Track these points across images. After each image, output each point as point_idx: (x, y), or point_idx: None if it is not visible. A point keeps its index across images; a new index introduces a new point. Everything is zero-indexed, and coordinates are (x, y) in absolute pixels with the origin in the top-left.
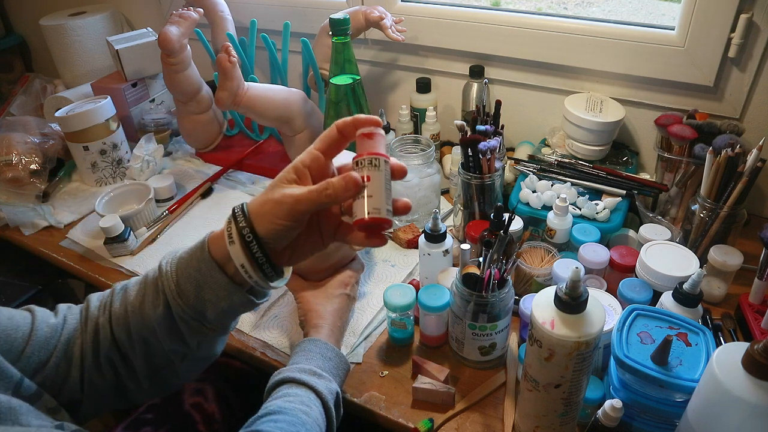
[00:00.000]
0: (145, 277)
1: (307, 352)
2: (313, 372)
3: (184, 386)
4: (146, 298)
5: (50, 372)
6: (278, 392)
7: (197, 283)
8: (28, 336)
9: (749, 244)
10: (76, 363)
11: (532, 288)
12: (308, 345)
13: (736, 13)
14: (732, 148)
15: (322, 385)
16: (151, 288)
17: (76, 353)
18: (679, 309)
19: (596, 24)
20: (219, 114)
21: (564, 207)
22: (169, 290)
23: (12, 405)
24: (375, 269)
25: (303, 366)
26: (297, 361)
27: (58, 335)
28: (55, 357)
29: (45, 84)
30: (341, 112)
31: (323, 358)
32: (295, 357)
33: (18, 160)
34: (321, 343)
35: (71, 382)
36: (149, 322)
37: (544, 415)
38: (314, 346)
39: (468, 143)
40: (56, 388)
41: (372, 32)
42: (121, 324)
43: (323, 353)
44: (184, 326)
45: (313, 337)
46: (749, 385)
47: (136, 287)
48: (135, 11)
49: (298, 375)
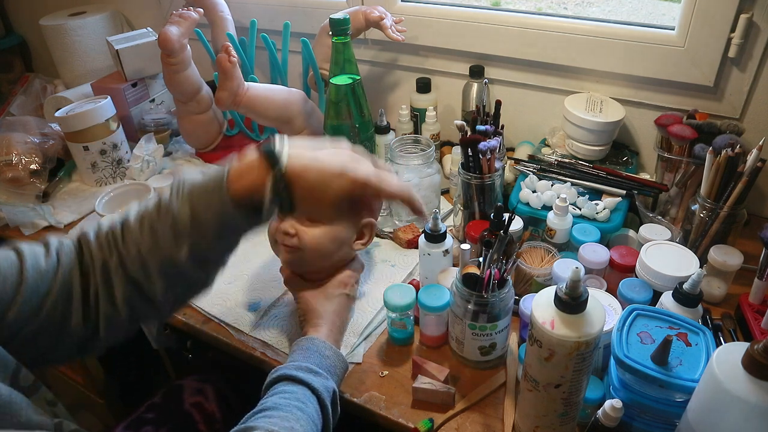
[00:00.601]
0: (145, 210)
1: (305, 350)
2: (310, 369)
3: (185, 386)
4: (161, 238)
5: (45, 318)
6: (274, 389)
7: (219, 228)
8: (18, 285)
9: (749, 244)
10: (77, 305)
11: (532, 288)
12: (306, 343)
13: (736, 13)
14: (732, 148)
15: (319, 383)
16: (165, 228)
17: (76, 295)
18: (679, 309)
19: (596, 24)
20: (219, 114)
21: (564, 207)
22: (188, 234)
23: (12, 399)
24: (375, 269)
25: (300, 363)
26: (294, 359)
27: (51, 278)
28: (50, 302)
29: (45, 84)
30: (341, 112)
31: (321, 356)
32: (293, 355)
33: (18, 160)
34: (319, 342)
35: (73, 323)
36: (173, 261)
37: (544, 415)
38: (312, 344)
39: (468, 143)
40: (54, 333)
41: (372, 32)
42: (137, 265)
43: (321, 351)
44: (211, 261)
45: (311, 335)
46: (749, 385)
47: (138, 224)
48: (135, 11)
49: (295, 372)
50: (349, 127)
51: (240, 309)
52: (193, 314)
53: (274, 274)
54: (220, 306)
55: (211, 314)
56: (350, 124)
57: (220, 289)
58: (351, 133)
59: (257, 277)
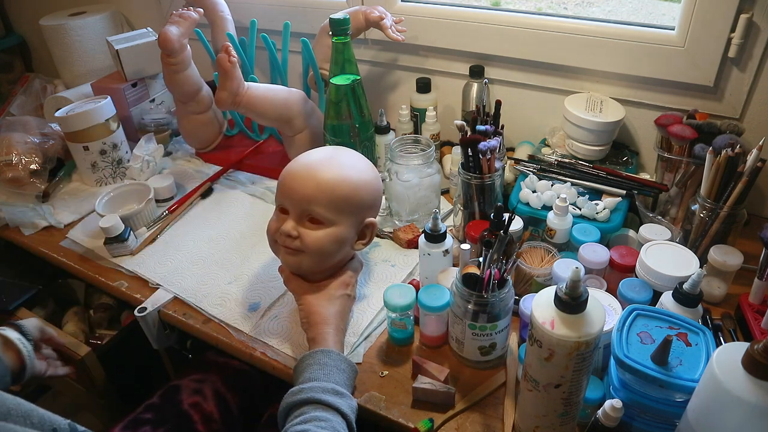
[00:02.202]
0: None
1: (323, 366)
2: (336, 392)
3: (182, 386)
4: None
5: None
6: (306, 414)
7: None
8: None
9: (749, 244)
10: None
11: (532, 288)
12: (322, 358)
13: (736, 13)
14: (732, 148)
15: (346, 405)
16: None
17: None
18: (679, 309)
19: (596, 24)
20: (219, 114)
21: (564, 207)
22: None
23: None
24: (375, 269)
25: (325, 385)
26: (316, 377)
27: None
28: None
29: (45, 84)
30: (341, 112)
31: (338, 371)
32: (312, 371)
33: (18, 160)
34: (334, 355)
35: None
36: None
37: (544, 415)
38: (329, 359)
39: (468, 143)
40: None
41: (372, 32)
42: None
43: (338, 365)
44: None
45: (322, 347)
46: (749, 385)
47: None
48: (135, 11)
49: (323, 396)
50: (349, 127)
51: (240, 309)
52: (193, 314)
53: (274, 274)
54: (220, 306)
55: (211, 314)
56: (350, 124)
57: (220, 289)
58: (351, 133)
59: (257, 278)
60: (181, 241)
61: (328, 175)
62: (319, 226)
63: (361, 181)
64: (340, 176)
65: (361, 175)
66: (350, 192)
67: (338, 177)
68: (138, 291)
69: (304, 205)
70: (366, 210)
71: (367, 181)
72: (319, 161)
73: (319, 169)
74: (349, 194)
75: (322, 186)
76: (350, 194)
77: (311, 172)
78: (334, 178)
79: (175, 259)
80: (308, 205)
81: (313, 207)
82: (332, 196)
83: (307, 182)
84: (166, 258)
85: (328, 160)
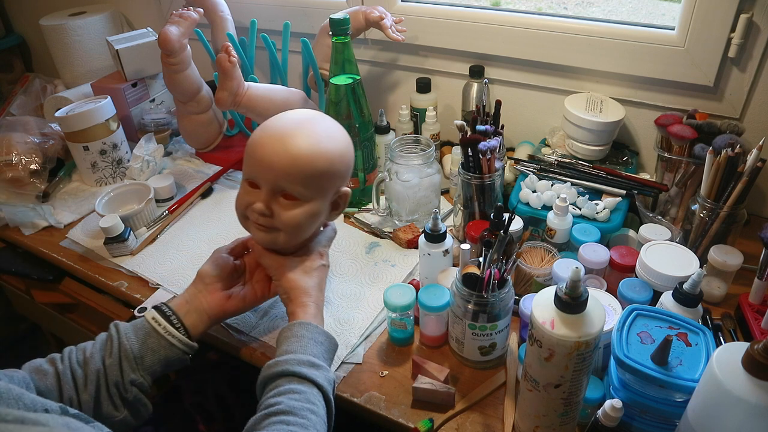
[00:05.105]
0: None
1: (300, 338)
2: (312, 363)
3: (184, 386)
4: None
5: None
6: (280, 387)
7: None
8: None
9: (749, 244)
10: None
11: (532, 288)
12: (300, 330)
13: (736, 13)
14: (732, 148)
15: (322, 377)
16: None
17: None
18: (679, 309)
19: (596, 24)
20: (219, 114)
21: (564, 207)
22: None
23: (11, 388)
24: (375, 269)
25: (300, 357)
26: (292, 349)
27: None
28: None
29: (45, 84)
30: (341, 112)
31: (316, 343)
32: (288, 343)
33: (18, 160)
34: (312, 327)
35: None
36: None
37: (544, 415)
38: (306, 332)
39: (468, 143)
40: None
41: (372, 32)
42: None
43: (315, 338)
44: None
45: (301, 319)
46: (749, 385)
47: None
48: (135, 11)
49: (299, 368)
50: (349, 127)
51: None
52: None
53: None
54: None
55: None
56: (350, 124)
57: None
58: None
59: None
60: (181, 241)
61: (304, 146)
62: (295, 202)
63: (338, 153)
64: (318, 149)
65: (338, 145)
66: (328, 166)
67: (315, 150)
68: (138, 291)
69: (278, 180)
70: (341, 181)
71: (343, 152)
72: (292, 128)
73: (294, 140)
74: (327, 169)
75: (297, 161)
76: (328, 169)
77: (285, 142)
78: (311, 151)
79: (175, 259)
80: (283, 181)
81: (288, 184)
82: (309, 172)
83: (280, 155)
84: (166, 258)
85: (302, 128)
